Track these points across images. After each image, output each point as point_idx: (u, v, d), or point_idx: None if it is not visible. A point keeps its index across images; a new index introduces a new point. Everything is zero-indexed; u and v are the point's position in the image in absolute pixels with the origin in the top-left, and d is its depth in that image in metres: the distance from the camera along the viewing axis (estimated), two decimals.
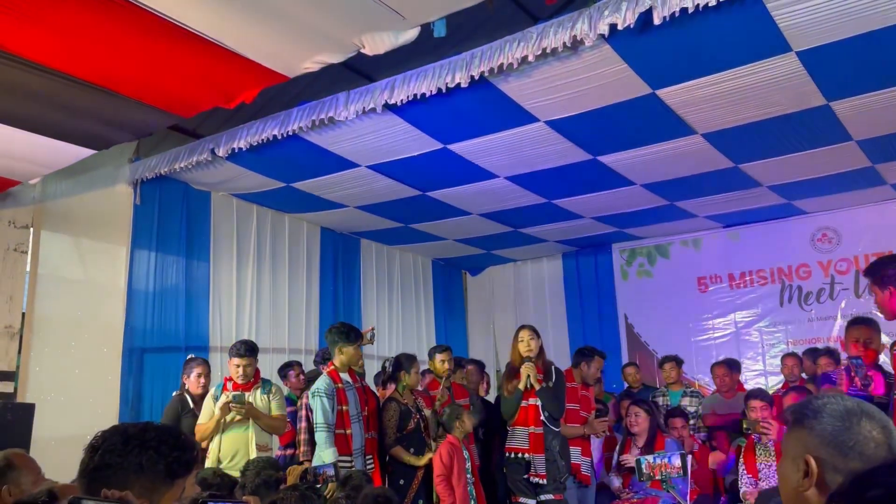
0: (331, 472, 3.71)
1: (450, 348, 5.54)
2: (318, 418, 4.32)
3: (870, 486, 0.65)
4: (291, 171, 5.63)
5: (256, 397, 4.53)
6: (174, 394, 4.95)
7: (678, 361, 6.39)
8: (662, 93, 4.30)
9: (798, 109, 4.55)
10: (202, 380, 4.79)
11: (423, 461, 4.73)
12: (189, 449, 1.62)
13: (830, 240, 7.05)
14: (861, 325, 4.18)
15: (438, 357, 5.40)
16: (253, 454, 4.29)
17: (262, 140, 4.88)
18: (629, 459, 4.96)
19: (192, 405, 4.75)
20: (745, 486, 4.64)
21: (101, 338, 5.28)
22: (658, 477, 2.05)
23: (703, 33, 3.63)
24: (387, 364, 5.29)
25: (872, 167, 5.69)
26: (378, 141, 5.00)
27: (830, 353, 5.74)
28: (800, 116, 4.65)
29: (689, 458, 2.25)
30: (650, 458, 2.08)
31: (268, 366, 5.97)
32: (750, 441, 4.75)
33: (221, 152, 5.10)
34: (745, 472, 4.67)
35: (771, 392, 5.70)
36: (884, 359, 4.41)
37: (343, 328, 4.65)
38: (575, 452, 5.09)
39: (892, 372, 3.82)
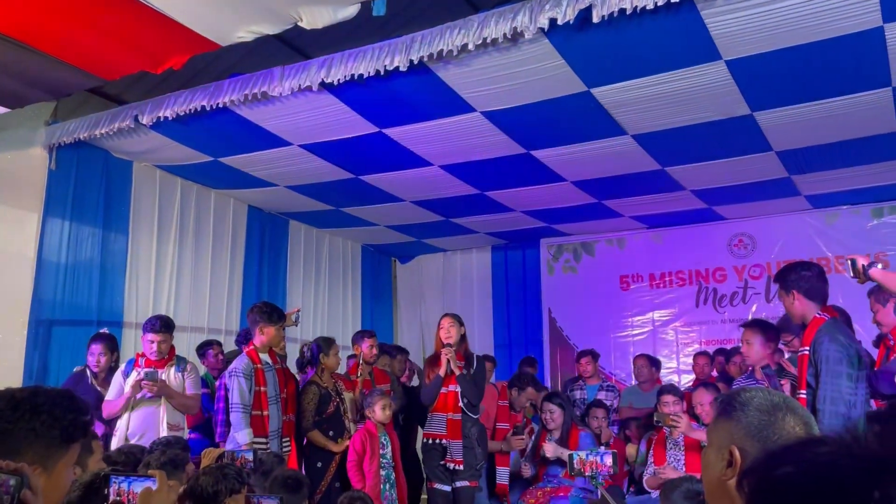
0: (249, 455, 3.62)
1: (375, 333, 5.52)
2: (235, 398, 4.23)
3: (780, 463, 0.66)
4: (220, 145, 5.46)
5: (170, 375, 4.39)
6: (75, 369, 4.75)
7: (594, 355, 6.57)
8: (597, 91, 4.37)
9: (724, 117, 4.71)
10: (102, 358, 4.60)
11: (340, 447, 4.69)
12: (84, 411, 1.54)
13: (746, 245, 7.36)
14: (746, 328, 4.47)
15: (367, 342, 5.37)
16: (164, 433, 4.15)
17: (190, 110, 4.71)
18: (549, 449, 5.06)
19: (91, 381, 4.56)
20: (648, 475, 4.83)
21: (5, 309, 5.00)
22: (588, 473, 2.09)
23: (639, 35, 3.71)
24: (305, 348, 5.21)
25: (789, 178, 5.96)
26: (312, 120, 4.89)
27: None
28: (725, 124, 4.81)
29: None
30: (583, 454, 2.11)
31: (185, 345, 5.78)
32: (661, 434, 4.92)
33: (146, 120, 4.90)
34: (652, 463, 4.84)
35: (683, 389, 5.91)
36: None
37: (266, 308, 4.55)
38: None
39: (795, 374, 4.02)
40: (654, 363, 6.49)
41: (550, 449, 5.08)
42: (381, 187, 6.30)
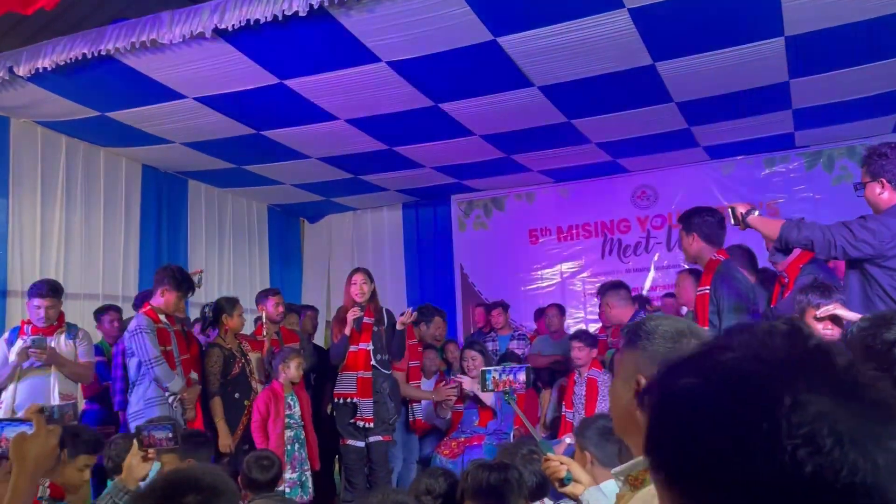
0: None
1: (280, 291, 5.38)
2: (148, 353, 4.04)
3: (682, 374, 0.61)
4: (106, 99, 5.08)
5: (60, 342, 4.13)
6: None
7: (504, 307, 6.69)
8: (503, 41, 4.32)
9: (627, 68, 4.76)
10: None
11: (226, 439, 4.50)
12: None
13: (648, 197, 7.58)
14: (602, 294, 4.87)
15: (272, 300, 5.22)
16: (56, 402, 3.91)
17: (71, 59, 4.35)
18: (466, 382, 5.10)
19: None
20: (551, 412, 5.00)
21: None
22: (503, 390, 2.08)
23: None
24: (206, 309, 5.01)
25: (688, 129, 6.14)
26: (207, 70, 4.61)
27: (647, 301, 6.26)
28: (628, 75, 4.87)
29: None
30: (496, 372, 2.10)
31: (79, 312, 5.45)
32: (571, 378, 5.06)
33: (22, 71, 4.50)
34: (565, 408, 5.00)
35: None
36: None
37: (178, 275, 4.36)
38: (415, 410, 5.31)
39: None
40: (563, 311, 6.68)
41: (467, 382, 5.14)
42: (284, 143, 6.07)
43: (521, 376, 2.06)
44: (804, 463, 0.51)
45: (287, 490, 4.43)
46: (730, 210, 3.46)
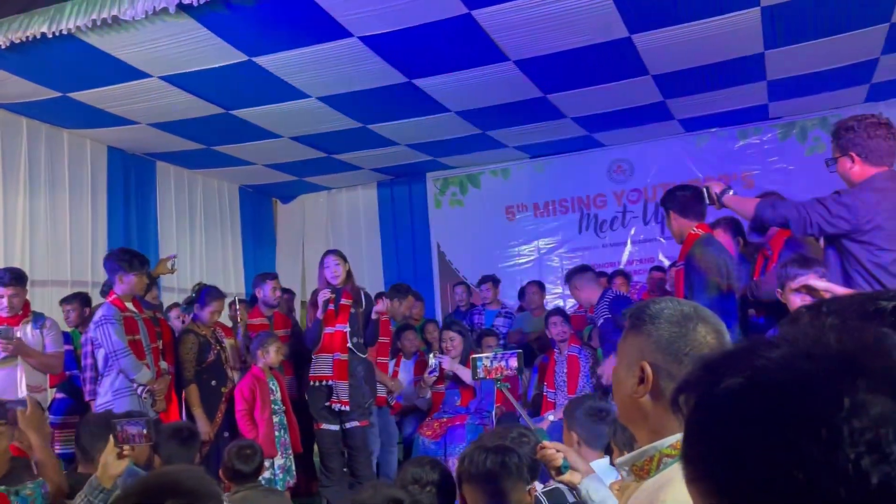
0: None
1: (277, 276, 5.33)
2: (114, 344, 3.92)
3: (725, 373, 0.54)
4: (68, 79, 4.90)
5: (27, 332, 3.99)
6: None
7: (495, 281, 6.67)
8: (478, 14, 4.23)
9: (603, 40, 4.70)
10: None
11: (205, 426, 4.40)
12: None
13: (624, 171, 7.57)
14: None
15: (269, 284, 5.16)
16: (23, 396, 3.79)
17: (29, 38, 4.16)
18: (446, 362, 5.07)
19: None
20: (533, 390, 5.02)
21: None
22: (495, 377, 2.03)
23: None
24: (196, 288, 4.96)
25: (664, 102, 6.11)
26: (172, 48, 4.46)
27: (624, 275, 6.26)
28: (604, 48, 4.81)
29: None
30: (487, 359, 2.05)
31: (47, 300, 5.31)
32: (551, 356, 5.05)
33: None
34: (546, 386, 4.99)
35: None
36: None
37: (124, 255, 4.21)
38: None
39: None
40: (544, 288, 6.68)
41: (447, 362, 5.11)
42: (255, 122, 5.92)
43: (513, 362, 2.02)
44: (870, 473, 0.45)
45: (279, 475, 4.38)
46: (705, 190, 3.44)
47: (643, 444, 1.20)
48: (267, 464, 4.21)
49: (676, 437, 1.12)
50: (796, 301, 2.83)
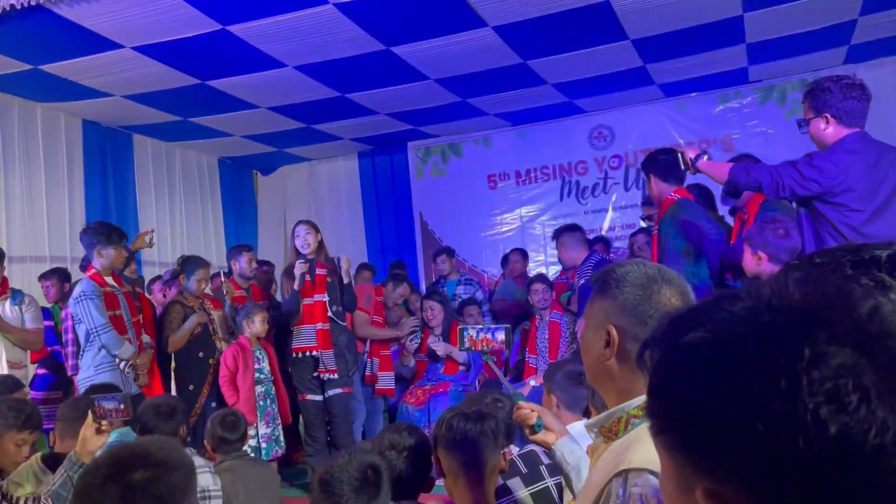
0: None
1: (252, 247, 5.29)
2: (94, 321, 3.90)
3: (690, 326, 0.54)
4: (39, 51, 4.80)
5: (6, 309, 3.97)
6: None
7: (450, 252, 6.66)
8: None
9: (582, 5, 4.65)
10: None
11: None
12: None
13: (605, 137, 7.55)
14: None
15: (245, 256, 5.14)
16: (3, 372, 3.78)
17: None
18: (440, 348, 5.11)
19: None
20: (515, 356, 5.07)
21: None
22: (481, 349, 2.04)
23: None
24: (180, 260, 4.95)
25: (644, 66, 6.08)
26: (144, 17, 4.37)
27: (604, 241, 6.29)
28: (582, 12, 4.77)
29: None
30: (473, 331, 2.05)
31: (25, 276, 5.26)
32: (533, 322, 5.09)
33: None
34: (528, 352, 5.04)
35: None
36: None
37: (101, 228, 4.16)
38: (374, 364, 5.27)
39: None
40: (526, 256, 6.70)
41: (441, 348, 5.15)
42: (231, 93, 5.84)
43: (500, 335, 2.02)
44: (828, 423, 0.46)
45: (263, 445, 4.41)
46: (679, 155, 3.44)
47: (611, 407, 1.22)
48: (252, 432, 4.24)
49: (643, 399, 1.13)
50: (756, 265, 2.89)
